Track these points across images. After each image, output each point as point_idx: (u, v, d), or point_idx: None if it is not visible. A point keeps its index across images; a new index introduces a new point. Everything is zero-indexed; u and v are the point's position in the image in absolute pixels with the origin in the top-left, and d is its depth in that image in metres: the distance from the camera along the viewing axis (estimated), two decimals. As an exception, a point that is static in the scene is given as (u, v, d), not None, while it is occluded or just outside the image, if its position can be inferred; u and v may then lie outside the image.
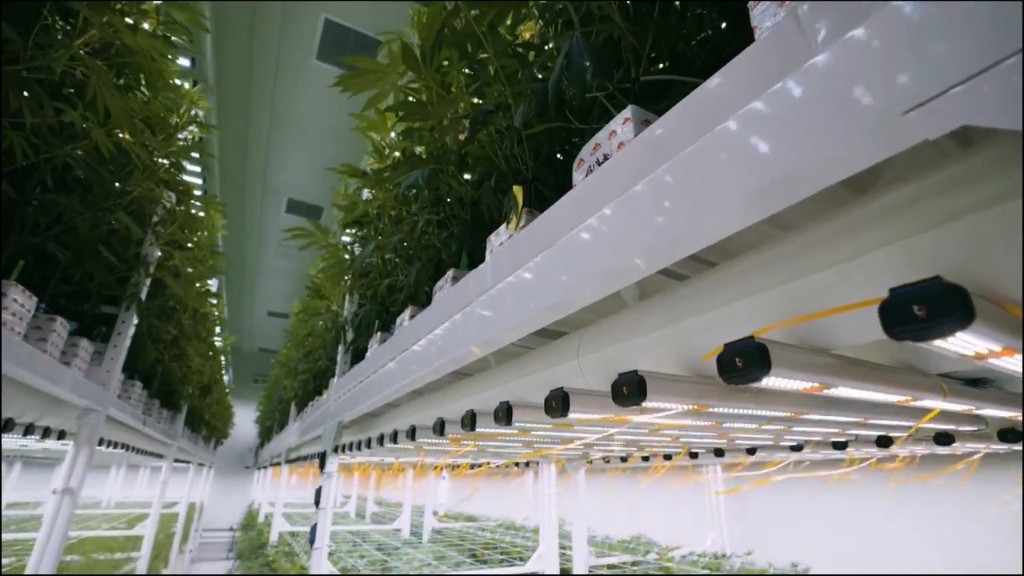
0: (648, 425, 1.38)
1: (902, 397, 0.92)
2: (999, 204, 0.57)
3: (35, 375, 1.85)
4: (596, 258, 0.88)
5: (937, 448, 2.64)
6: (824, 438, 1.94)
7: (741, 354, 0.67)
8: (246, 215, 7.73)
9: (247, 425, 13.78)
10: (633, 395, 0.84)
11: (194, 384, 4.81)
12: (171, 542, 7.16)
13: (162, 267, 2.91)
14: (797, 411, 1.10)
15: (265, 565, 4.91)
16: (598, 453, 3.01)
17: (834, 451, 2.74)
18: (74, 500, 2.51)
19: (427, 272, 2.09)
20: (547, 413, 1.03)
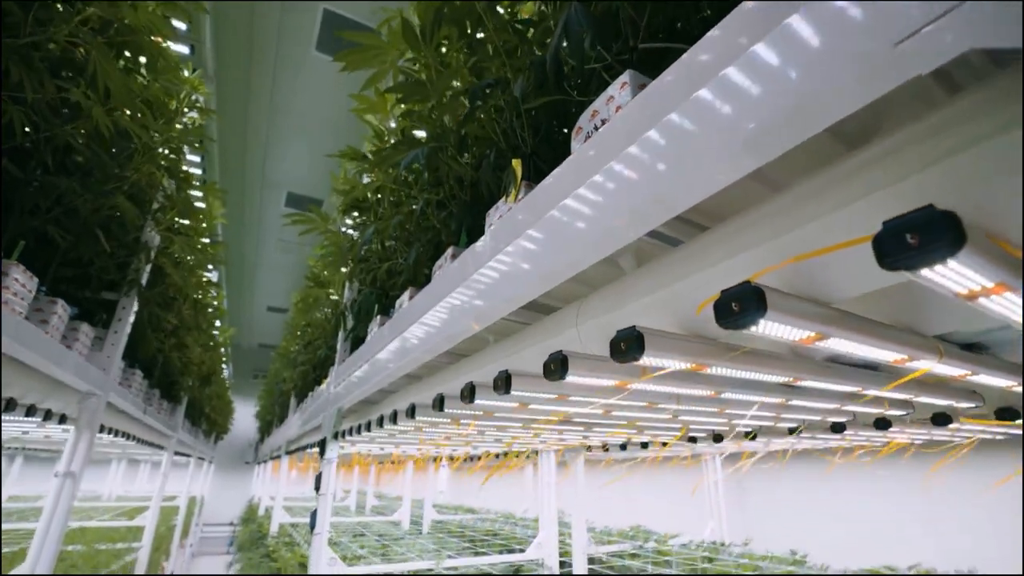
0: (647, 395, 1.39)
1: (898, 356, 0.93)
2: (987, 142, 0.57)
3: (37, 354, 1.85)
4: (594, 221, 0.89)
5: (935, 433, 2.65)
6: (823, 417, 1.95)
7: (737, 298, 0.68)
8: (245, 209, 7.73)
9: (247, 421, 13.80)
10: (631, 350, 0.84)
11: (194, 375, 4.82)
12: (172, 534, 7.17)
13: (162, 254, 2.91)
14: (795, 376, 1.10)
15: (266, 556, 4.93)
16: (597, 439, 3.02)
17: (832, 435, 2.75)
18: (76, 484, 2.52)
19: (427, 253, 2.10)
20: (546, 376, 1.04)
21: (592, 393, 1.29)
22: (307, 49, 4.99)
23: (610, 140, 0.83)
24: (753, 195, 0.95)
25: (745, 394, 1.30)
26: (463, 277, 1.32)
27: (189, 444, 7.13)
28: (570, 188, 0.94)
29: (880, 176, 0.70)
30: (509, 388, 1.18)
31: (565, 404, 1.50)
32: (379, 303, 2.53)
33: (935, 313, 0.97)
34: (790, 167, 0.89)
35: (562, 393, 1.26)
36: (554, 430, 2.34)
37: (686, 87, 0.64)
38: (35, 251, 2.22)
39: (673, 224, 1.08)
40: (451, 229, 1.85)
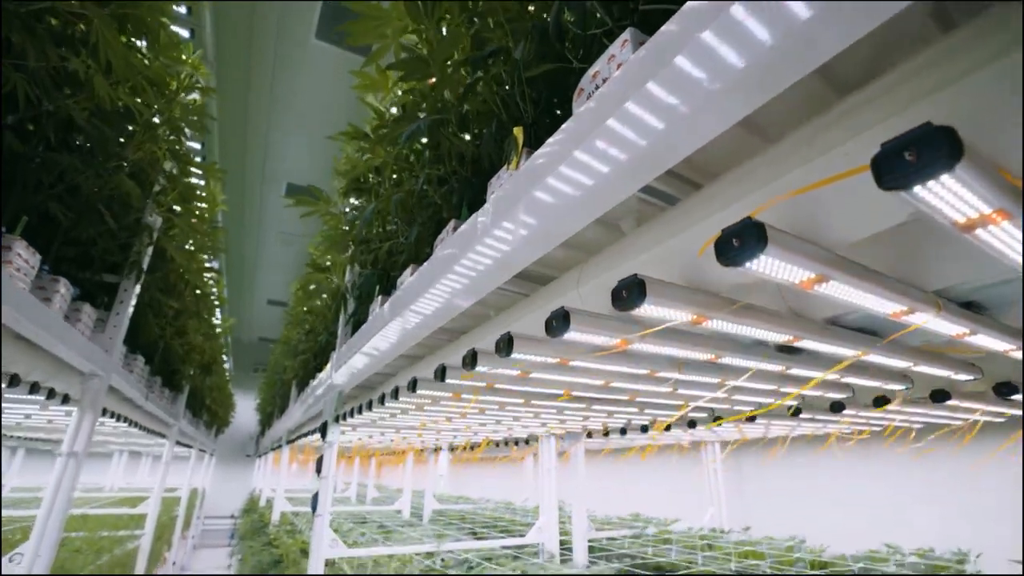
0: (647, 360, 1.40)
1: (898, 307, 0.93)
2: (983, 69, 0.58)
3: (40, 328, 1.86)
4: (596, 176, 0.89)
5: (934, 413, 2.66)
6: (823, 392, 1.96)
7: (738, 234, 0.69)
8: (246, 201, 7.73)
9: (248, 414, 13.83)
10: (632, 297, 0.85)
11: (195, 363, 4.83)
12: (174, 525, 7.21)
13: (164, 237, 2.92)
14: (795, 335, 1.11)
15: (267, 544, 4.95)
16: (597, 420, 3.03)
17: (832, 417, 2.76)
18: (79, 464, 2.53)
19: (428, 231, 2.10)
20: (548, 333, 1.05)
21: (593, 357, 1.30)
22: (307, 38, 4.98)
23: (609, 98, 0.83)
24: (748, 148, 0.96)
25: (745, 359, 1.31)
26: (467, 246, 1.33)
27: (191, 435, 7.15)
28: (574, 143, 0.94)
29: (873, 115, 0.71)
30: (511, 349, 1.19)
31: (566, 373, 1.50)
32: (380, 284, 2.53)
33: (933, 265, 0.97)
34: (784, 116, 0.90)
35: (564, 357, 1.27)
36: (554, 408, 2.35)
37: (691, 29, 0.64)
38: (37, 230, 2.22)
39: (672, 183, 1.09)
40: (452, 204, 1.85)
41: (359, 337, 2.47)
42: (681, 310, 0.91)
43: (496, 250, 1.17)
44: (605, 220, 1.24)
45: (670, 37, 0.69)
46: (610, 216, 1.24)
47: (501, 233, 1.12)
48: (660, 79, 0.69)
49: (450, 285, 1.43)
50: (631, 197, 1.16)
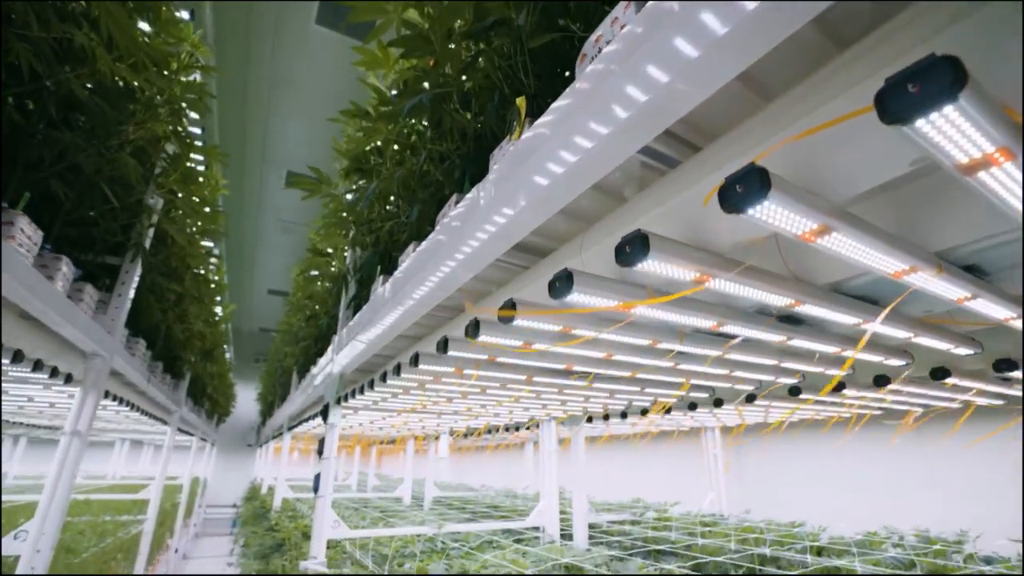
0: (649, 330, 1.40)
1: (900, 266, 0.94)
2: (981, 10, 0.58)
3: (43, 304, 1.86)
4: (602, 136, 0.89)
5: (933, 394, 2.68)
6: (824, 368, 1.97)
7: (741, 179, 0.69)
8: (245, 189, 7.71)
9: (249, 404, 13.88)
10: (635, 252, 0.86)
11: (196, 349, 4.84)
12: (176, 511, 7.25)
13: (165, 219, 2.92)
14: (797, 298, 1.12)
15: (269, 529, 4.99)
16: (598, 402, 3.04)
17: (832, 397, 2.77)
18: (82, 443, 2.54)
19: (430, 209, 2.10)
20: (551, 294, 1.05)
21: (596, 325, 1.30)
22: (307, 23, 4.95)
23: (612, 58, 0.83)
24: (748, 107, 0.96)
25: (747, 327, 1.32)
26: (470, 217, 1.33)
27: (192, 423, 7.18)
28: (581, 103, 0.94)
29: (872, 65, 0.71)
30: (513, 317, 1.19)
31: (568, 344, 1.51)
32: (382, 264, 2.54)
33: (933, 225, 0.98)
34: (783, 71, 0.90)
35: (566, 325, 1.28)
36: (555, 387, 2.36)
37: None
38: (39, 209, 2.23)
39: (674, 146, 1.09)
40: (454, 179, 1.86)
41: (361, 316, 2.48)
42: (684, 267, 0.91)
43: (502, 215, 1.16)
44: (607, 189, 1.25)
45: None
46: (612, 184, 1.24)
47: (505, 199, 1.12)
48: (665, 31, 0.69)
49: (454, 256, 1.43)
50: (633, 163, 1.17)
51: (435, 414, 3.57)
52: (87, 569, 3.35)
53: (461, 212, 1.40)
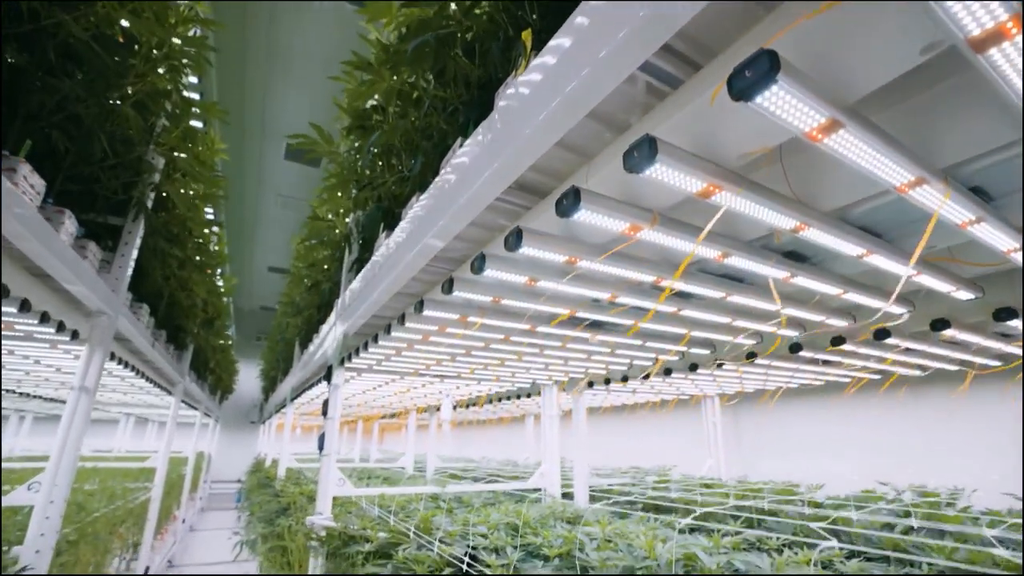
0: (652, 266, 1.41)
1: (906, 177, 0.94)
2: None
3: (48, 251, 1.87)
4: (611, 44, 0.88)
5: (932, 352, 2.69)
6: (825, 317, 1.98)
7: (750, 65, 0.69)
8: (245, 164, 7.66)
9: (251, 382, 14.01)
10: (643, 157, 0.86)
11: (199, 318, 4.87)
12: (182, 482, 7.36)
13: (166, 179, 2.91)
14: (802, 221, 1.12)
15: (274, 495, 5.07)
16: (599, 363, 3.07)
17: (831, 356, 2.80)
18: (90, 399, 2.57)
19: (433, 159, 2.10)
20: (559, 212, 1.06)
21: (601, 252, 1.31)
22: (305, -11, 4.88)
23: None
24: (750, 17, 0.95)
25: (749, 258, 1.33)
26: (476, 154, 1.32)
27: (196, 397, 7.25)
28: (579, 36, 0.92)
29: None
30: (520, 242, 1.20)
31: (572, 282, 1.52)
32: (385, 221, 2.54)
33: (940, 137, 0.98)
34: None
35: (571, 255, 1.28)
36: (557, 341, 2.37)
37: None
38: (40, 163, 2.22)
39: (677, 64, 1.08)
40: (458, 123, 1.85)
41: (365, 273, 2.49)
42: (691, 175, 0.92)
43: (510, 146, 1.15)
44: (612, 120, 1.24)
45: None
46: (617, 112, 1.23)
47: (512, 130, 1.11)
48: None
49: (463, 193, 1.42)
50: (637, 90, 1.16)
51: (437, 377, 3.61)
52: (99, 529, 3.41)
53: (469, 149, 1.40)
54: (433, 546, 2.01)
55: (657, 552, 1.61)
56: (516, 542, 1.98)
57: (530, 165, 1.21)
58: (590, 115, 1.15)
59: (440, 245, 1.70)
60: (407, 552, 1.98)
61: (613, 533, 1.92)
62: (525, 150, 1.14)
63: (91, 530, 3.30)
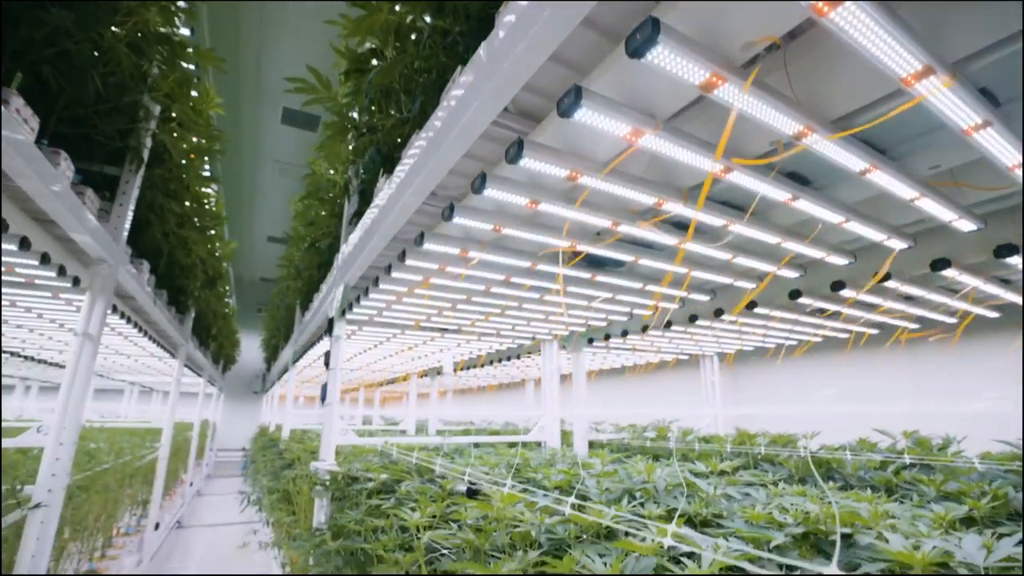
0: (654, 187, 1.40)
1: (915, 65, 0.92)
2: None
3: (46, 186, 1.86)
4: None
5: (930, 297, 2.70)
6: (827, 253, 1.98)
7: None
8: (242, 130, 7.56)
9: (253, 352, 14.13)
10: (646, 40, 0.84)
11: (199, 278, 4.87)
12: (188, 445, 7.48)
13: (162, 128, 2.88)
14: (807, 125, 1.11)
15: (278, 454, 5.16)
16: (600, 314, 3.07)
17: (830, 304, 2.80)
18: (94, 346, 2.59)
19: (433, 96, 2.06)
20: (560, 112, 1.04)
21: (601, 177, 1.30)
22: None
23: None
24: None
25: (751, 175, 1.32)
26: (478, 74, 1.29)
27: (199, 363, 7.31)
28: None
29: None
30: (521, 152, 1.19)
31: (572, 206, 1.51)
32: (384, 165, 2.52)
33: (947, 30, 0.96)
34: None
35: (573, 169, 1.27)
36: (558, 284, 2.38)
37: None
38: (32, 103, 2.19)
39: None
40: (458, 54, 1.81)
41: (365, 219, 2.48)
42: (695, 63, 0.90)
43: (510, 71, 1.12)
44: (612, 31, 1.21)
45: None
46: (616, 27, 1.21)
47: (514, 40, 1.08)
48: None
49: (460, 116, 1.40)
50: None
51: (438, 331, 3.63)
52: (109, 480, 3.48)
53: (468, 74, 1.37)
54: (435, 483, 2.05)
55: (655, 476, 1.64)
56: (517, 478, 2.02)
57: (526, 82, 1.19)
58: (587, 24, 1.13)
59: (440, 176, 1.69)
60: (409, 487, 2.02)
61: (612, 466, 1.96)
62: (521, 62, 1.12)
63: (101, 481, 3.38)
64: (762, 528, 1.26)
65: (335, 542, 2.01)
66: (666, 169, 1.46)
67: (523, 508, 1.38)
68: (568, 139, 1.34)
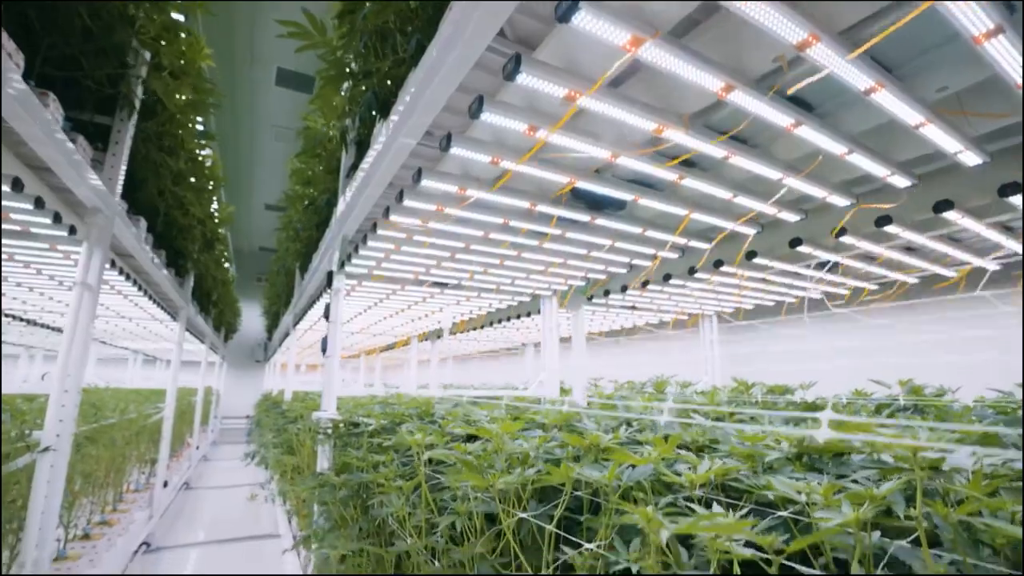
0: (655, 111, 1.38)
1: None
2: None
3: (42, 133, 1.82)
4: None
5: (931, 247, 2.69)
6: (828, 192, 1.96)
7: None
8: (237, 95, 7.42)
9: (255, 323, 14.23)
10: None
11: (198, 239, 4.85)
12: (192, 409, 7.59)
13: (154, 75, 2.82)
14: (812, 33, 1.08)
15: (281, 414, 5.24)
16: (599, 266, 3.06)
17: (831, 254, 2.79)
18: (93, 297, 2.59)
19: (429, 32, 2.01)
20: (557, 17, 1.01)
21: (601, 92, 1.27)
22: None
23: None
24: None
25: (753, 95, 1.29)
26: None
27: (200, 329, 7.35)
28: None
29: None
30: (519, 67, 1.16)
31: (574, 132, 1.48)
32: (380, 110, 2.47)
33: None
34: None
35: (572, 88, 1.25)
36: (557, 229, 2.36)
37: None
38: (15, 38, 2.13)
39: None
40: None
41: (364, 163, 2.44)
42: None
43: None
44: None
45: None
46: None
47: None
48: None
49: (455, 42, 1.36)
50: None
51: (437, 287, 3.63)
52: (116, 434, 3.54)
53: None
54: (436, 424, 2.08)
55: (652, 408, 1.66)
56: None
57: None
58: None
59: (436, 110, 1.65)
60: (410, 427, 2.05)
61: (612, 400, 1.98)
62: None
63: (108, 435, 3.43)
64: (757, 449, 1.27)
65: (339, 478, 2.05)
66: (667, 92, 1.43)
67: (522, 442, 1.40)
68: (566, 58, 1.31)
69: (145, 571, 3.94)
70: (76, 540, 3.45)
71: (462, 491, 1.28)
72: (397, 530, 1.60)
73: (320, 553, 2.12)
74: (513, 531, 1.13)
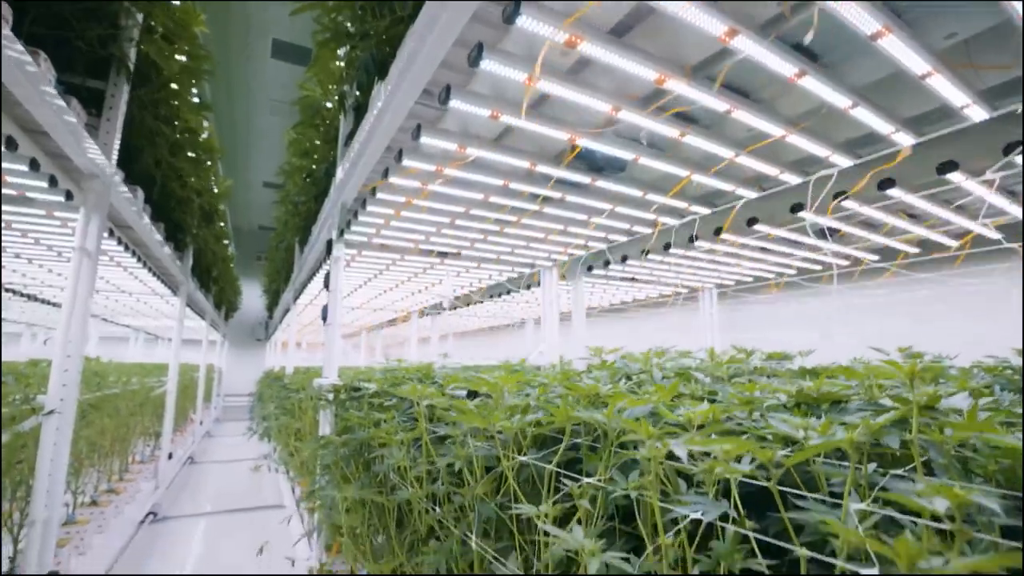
0: (656, 61, 1.35)
1: None
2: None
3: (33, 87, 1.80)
4: None
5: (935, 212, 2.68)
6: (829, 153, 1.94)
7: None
8: (232, 69, 7.31)
9: (255, 302, 14.26)
10: None
11: (196, 211, 4.82)
12: (195, 385, 7.65)
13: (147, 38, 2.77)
14: (818, -32, 1.05)
15: (283, 387, 5.28)
16: (599, 234, 3.05)
17: (832, 221, 2.78)
18: (92, 263, 2.59)
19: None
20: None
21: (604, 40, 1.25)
22: None
23: None
24: None
25: (757, 41, 1.26)
26: None
27: (201, 306, 7.36)
28: None
29: None
30: (519, 9, 1.14)
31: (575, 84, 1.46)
32: (379, 73, 2.43)
33: None
34: None
35: (574, 33, 1.22)
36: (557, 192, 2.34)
37: None
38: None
39: None
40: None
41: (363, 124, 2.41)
42: None
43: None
44: None
45: None
46: None
47: None
48: None
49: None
50: None
51: (437, 258, 3.62)
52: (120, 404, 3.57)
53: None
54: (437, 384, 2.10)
55: (651, 364, 1.67)
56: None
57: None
58: None
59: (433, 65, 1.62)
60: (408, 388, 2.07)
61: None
62: None
63: (112, 404, 3.46)
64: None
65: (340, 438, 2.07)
66: (670, 41, 1.40)
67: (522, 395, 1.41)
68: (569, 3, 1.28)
69: (153, 539, 4.02)
70: (84, 506, 3.51)
71: (462, 440, 1.29)
72: (398, 483, 1.62)
73: (324, 509, 2.15)
74: (514, 475, 1.15)
